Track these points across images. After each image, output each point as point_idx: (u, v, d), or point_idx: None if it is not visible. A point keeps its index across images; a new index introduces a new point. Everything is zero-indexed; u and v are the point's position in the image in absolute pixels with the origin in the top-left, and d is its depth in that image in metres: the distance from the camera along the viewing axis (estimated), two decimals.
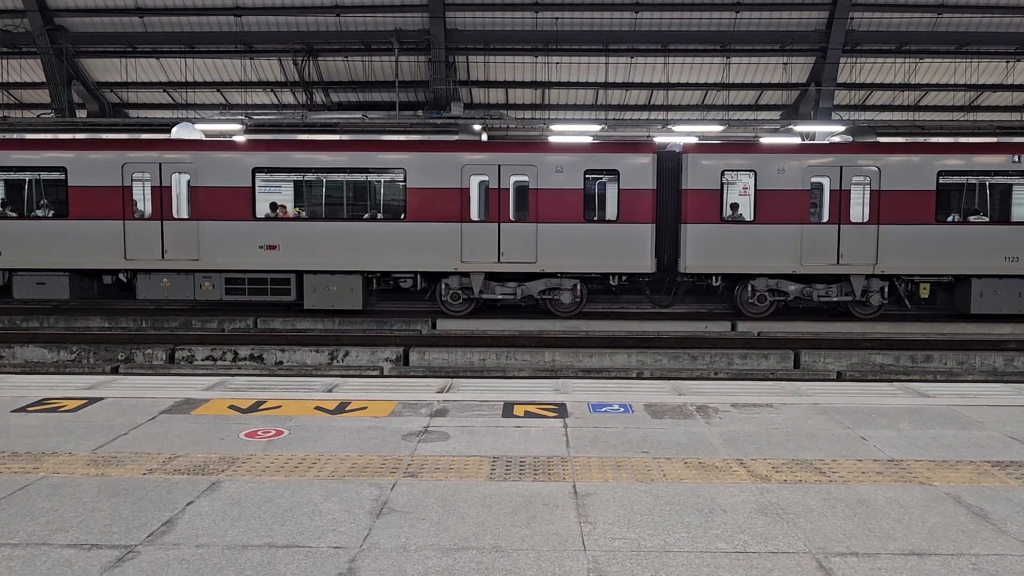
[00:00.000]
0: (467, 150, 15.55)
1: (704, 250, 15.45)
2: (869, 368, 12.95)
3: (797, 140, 18.60)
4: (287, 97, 26.15)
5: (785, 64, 24.24)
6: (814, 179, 15.42)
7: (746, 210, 15.58)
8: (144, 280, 15.65)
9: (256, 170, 15.52)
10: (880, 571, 3.47)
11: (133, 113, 26.80)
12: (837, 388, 7.77)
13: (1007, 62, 24.15)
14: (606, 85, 25.14)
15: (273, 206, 15.84)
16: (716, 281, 16.00)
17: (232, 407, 6.29)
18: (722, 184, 15.42)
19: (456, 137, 15.82)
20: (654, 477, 4.65)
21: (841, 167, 15.33)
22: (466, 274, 15.75)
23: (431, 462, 4.91)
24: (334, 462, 4.91)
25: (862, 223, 15.37)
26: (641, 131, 23.55)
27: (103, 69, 25.32)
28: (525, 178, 15.43)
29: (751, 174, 15.39)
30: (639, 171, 15.38)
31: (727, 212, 15.56)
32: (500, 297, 15.98)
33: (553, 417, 6.04)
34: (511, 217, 15.49)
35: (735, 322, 15.91)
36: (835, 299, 15.85)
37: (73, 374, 11.19)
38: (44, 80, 24.59)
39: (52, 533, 3.80)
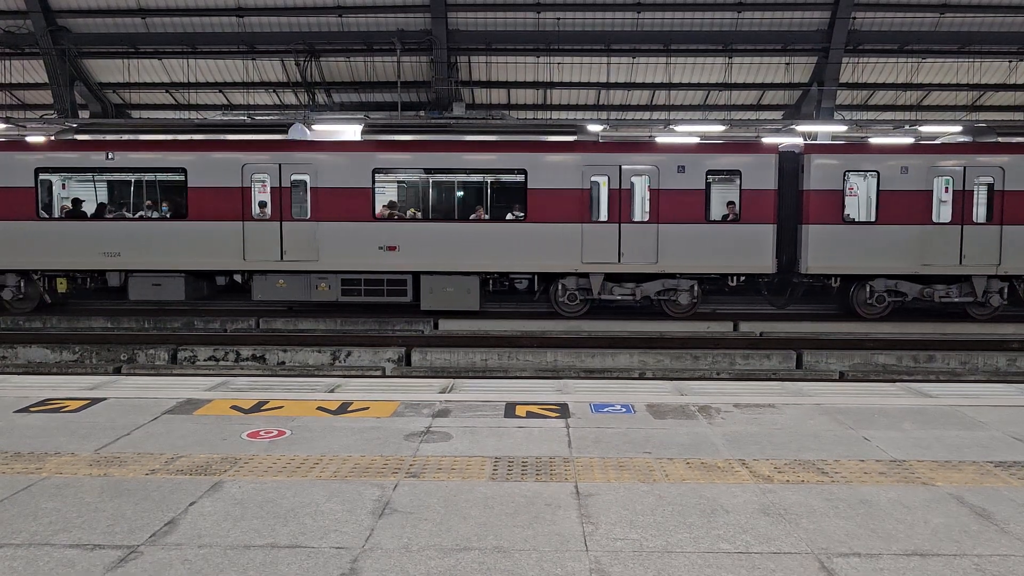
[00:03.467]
0: (589, 150, 15.49)
1: (825, 250, 15.39)
2: (872, 368, 12.93)
3: (920, 140, 18.45)
4: (289, 98, 26.18)
5: (787, 64, 24.21)
6: (937, 179, 15.34)
7: (868, 210, 15.52)
8: (260, 281, 15.58)
9: (376, 171, 15.45)
10: (883, 572, 3.47)
11: (135, 114, 26.84)
12: (840, 388, 7.76)
13: (1010, 62, 24.11)
14: (608, 85, 25.13)
15: (392, 206, 15.82)
16: (835, 282, 15.92)
17: (234, 407, 6.29)
18: (844, 184, 15.37)
19: (574, 137, 15.80)
20: (656, 478, 4.65)
21: (964, 167, 15.25)
22: (584, 275, 15.68)
23: (433, 462, 4.92)
24: (336, 462, 4.91)
25: (985, 223, 15.30)
26: (644, 131, 23.54)
27: (105, 70, 25.35)
28: (646, 178, 15.39)
29: (874, 174, 15.35)
30: (761, 171, 15.32)
31: (848, 212, 15.50)
32: (618, 298, 15.89)
33: (555, 417, 6.04)
34: (632, 217, 15.42)
35: (737, 322, 15.90)
36: (956, 300, 15.74)
37: (75, 374, 11.20)
38: (47, 81, 24.62)
39: (55, 533, 3.81)
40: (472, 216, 15.82)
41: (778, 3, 22.56)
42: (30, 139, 16.86)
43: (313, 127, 17.91)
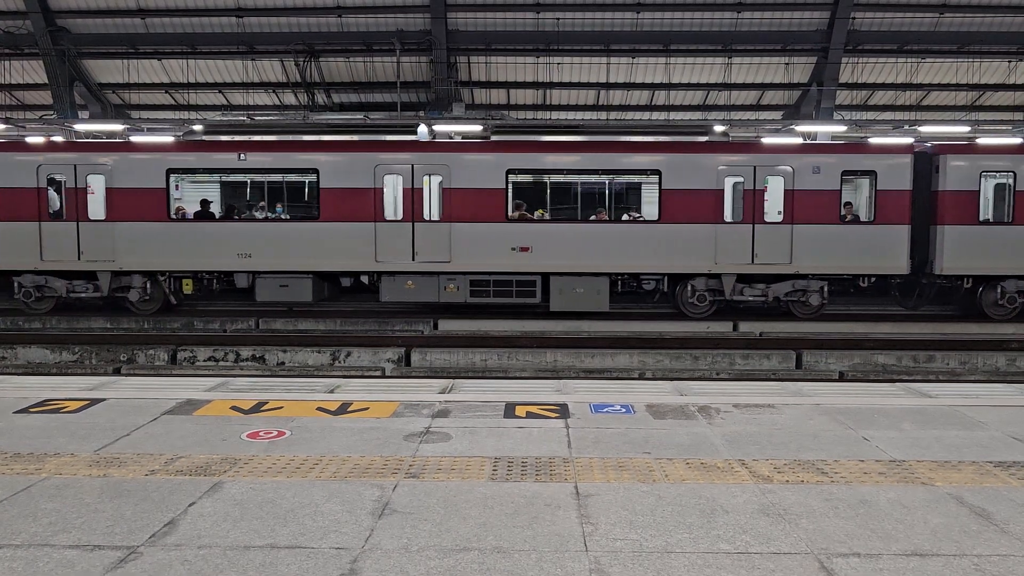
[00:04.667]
0: (724, 151, 15.53)
1: (960, 251, 15.37)
2: (871, 368, 12.93)
3: None
4: (289, 98, 26.18)
5: (787, 64, 24.22)
6: None
7: (1004, 210, 15.54)
8: (389, 282, 15.57)
9: (510, 171, 15.44)
10: (882, 572, 3.47)
11: (135, 114, 26.84)
12: (839, 388, 7.77)
13: (1009, 62, 24.12)
14: (607, 85, 25.14)
15: (520, 206, 15.82)
16: (967, 283, 15.87)
17: (234, 408, 6.29)
18: (980, 185, 15.37)
19: (706, 138, 15.80)
20: (656, 478, 4.65)
21: None
22: (715, 276, 15.69)
23: (433, 463, 4.92)
24: (336, 463, 4.91)
25: None
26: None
27: (105, 70, 25.36)
28: (781, 179, 15.40)
29: (1010, 174, 15.35)
30: (896, 172, 15.33)
31: (984, 213, 15.48)
32: (749, 299, 15.91)
33: (555, 418, 6.04)
34: (766, 218, 15.44)
35: (737, 322, 15.90)
36: None
37: (75, 375, 11.21)
38: (46, 81, 24.63)
39: (54, 534, 3.81)
40: (605, 216, 15.84)
41: (777, 3, 22.58)
42: (162, 140, 16.89)
43: (441, 127, 17.85)
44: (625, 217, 16.03)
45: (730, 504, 4.23)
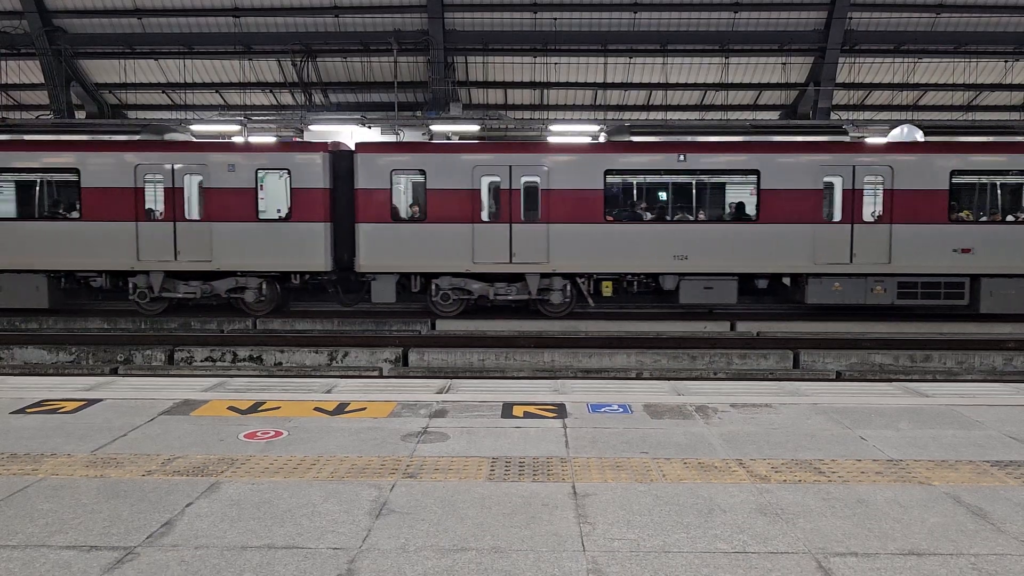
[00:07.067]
0: None
1: None
2: (868, 368, 12.95)
3: None
4: (286, 98, 26.15)
5: (784, 64, 24.25)
6: None
7: None
8: (816, 284, 15.42)
9: (952, 172, 15.31)
10: (879, 571, 3.47)
11: (131, 114, 26.80)
12: (836, 388, 7.78)
13: (1006, 61, 24.17)
14: (605, 85, 25.14)
15: (953, 207, 15.64)
16: None
17: (231, 408, 6.29)
18: None
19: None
20: (653, 477, 4.65)
21: None
22: None
23: (430, 463, 4.91)
24: (333, 463, 4.91)
25: None
26: None
27: (102, 70, 25.32)
28: None
29: None
30: None
31: None
32: None
33: (552, 417, 6.04)
34: None
35: (734, 322, 15.91)
36: None
37: (72, 375, 11.19)
38: (43, 81, 24.58)
39: (51, 535, 3.80)
40: None
41: (774, 3, 22.60)
42: (599, 141, 16.79)
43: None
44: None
45: (727, 504, 4.24)
